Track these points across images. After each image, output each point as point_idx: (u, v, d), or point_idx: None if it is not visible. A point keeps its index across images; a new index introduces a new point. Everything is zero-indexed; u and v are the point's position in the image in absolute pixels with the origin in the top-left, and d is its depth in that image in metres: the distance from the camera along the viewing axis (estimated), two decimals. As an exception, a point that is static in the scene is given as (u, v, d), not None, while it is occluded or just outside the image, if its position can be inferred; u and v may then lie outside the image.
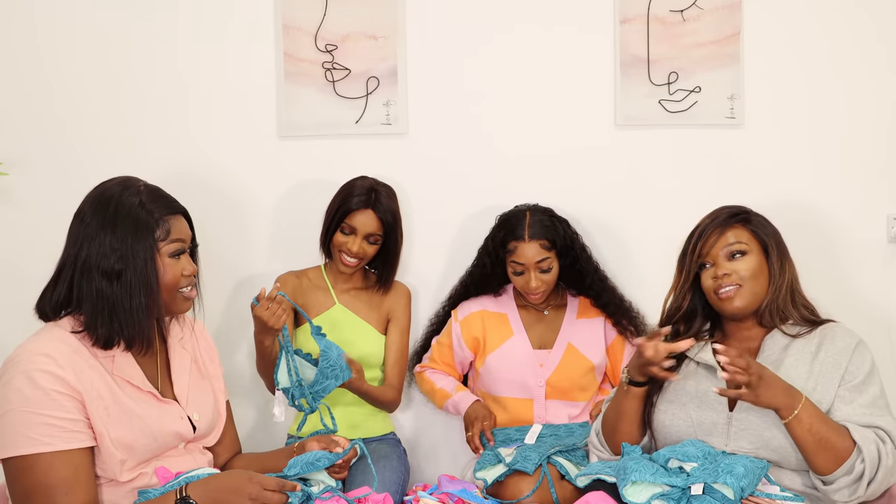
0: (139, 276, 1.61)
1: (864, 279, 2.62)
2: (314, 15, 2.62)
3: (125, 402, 1.62)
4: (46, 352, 1.55)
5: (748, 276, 1.88)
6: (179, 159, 2.62)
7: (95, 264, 1.60)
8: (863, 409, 1.79)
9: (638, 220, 2.65)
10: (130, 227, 1.62)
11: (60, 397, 1.53)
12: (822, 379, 1.83)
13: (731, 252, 1.90)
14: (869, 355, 1.86)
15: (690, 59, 2.61)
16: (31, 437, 1.51)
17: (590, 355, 2.43)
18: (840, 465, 1.72)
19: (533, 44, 2.64)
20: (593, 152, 2.65)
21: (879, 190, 2.62)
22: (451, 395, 2.44)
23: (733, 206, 2.00)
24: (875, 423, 1.77)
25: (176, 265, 1.67)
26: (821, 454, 1.73)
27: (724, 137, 2.63)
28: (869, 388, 1.82)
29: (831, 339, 1.88)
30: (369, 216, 2.38)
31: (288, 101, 2.63)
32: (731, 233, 1.92)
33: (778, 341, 1.91)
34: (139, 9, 2.62)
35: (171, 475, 1.64)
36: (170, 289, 1.67)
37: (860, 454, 1.71)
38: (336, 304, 2.47)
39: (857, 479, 1.72)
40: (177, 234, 1.68)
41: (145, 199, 1.66)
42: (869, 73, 2.60)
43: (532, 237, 2.35)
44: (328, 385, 2.06)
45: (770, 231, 1.96)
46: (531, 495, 2.11)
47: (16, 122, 2.62)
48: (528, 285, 2.37)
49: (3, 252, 2.61)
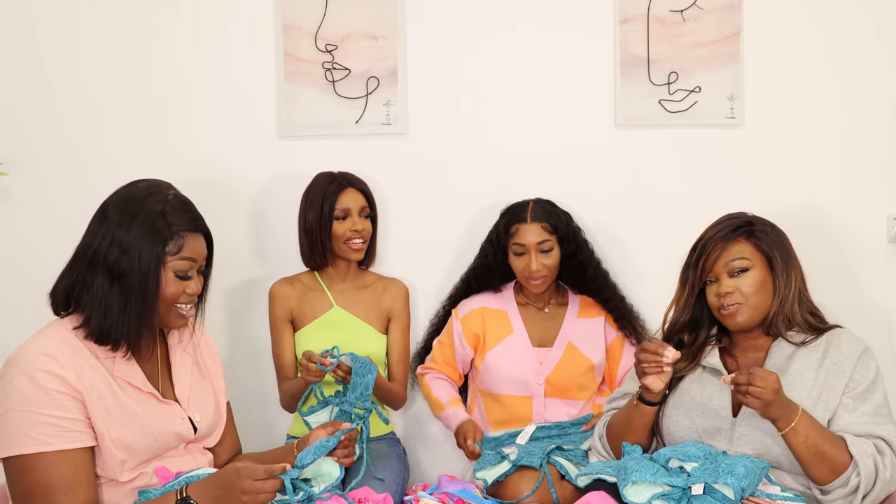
0: (139, 282, 1.60)
1: (865, 279, 2.62)
2: (314, 15, 2.62)
3: (126, 402, 1.62)
4: (47, 351, 1.55)
5: (751, 292, 1.87)
6: (179, 159, 2.62)
7: (103, 258, 1.60)
8: (865, 417, 1.79)
9: (638, 219, 2.65)
10: (144, 232, 1.61)
11: (61, 397, 1.53)
12: (826, 387, 1.83)
13: (733, 269, 1.88)
14: (874, 363, 1.85)
15: (690, 59, 2.61)
16: (32, 437, 1.51)
17: (590, 354, 2.43)
18: (836, 477, 1.72)
19: (533, 44, 2.64)
20: (593, 152, 2.65)
21: (879, 190, 2.62)
22: (444, 408, 2.44)
23: (736, 217, 1.96)
24: (876, 433, 1.77)
25: (179, 284, 1.65)
26: (817, 466, 1.73)
27: (724, 137, 2.63)
28: (873, 395, 1.82)
29: (837, 346, 1.87)
30: (353, 192, 2.43)
31: (288, 101, 2.63)
32: (734, 248, 1.89)
33: (784, 349, 1.90)
34: (139, 9, 2.62)
35: (172, 475, 1.64)
36: (168, 303, 1.66)
37: (856, 468, 1.71)
38: (334, 306, 2.47)
39: (852, 492, 1.72)
40: (189, 253, 1.65)
41: (169, 209, 1.65)
42: (869, 72, 2.60)
43: (534, 219, 2.39)
44: (368, 381, 2.14)
45: (774, 241, 1.92)
46: (531, 495, 2.11)
47: (16, 122, 2.62)
48: (528, 268, 2.38)
49: (3, 252, 2.61)
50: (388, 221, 2.66)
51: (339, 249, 2.43)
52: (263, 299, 2.53)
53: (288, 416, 2.53)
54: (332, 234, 2.41)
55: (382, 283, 2.54)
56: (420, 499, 2.01)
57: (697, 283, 1.92)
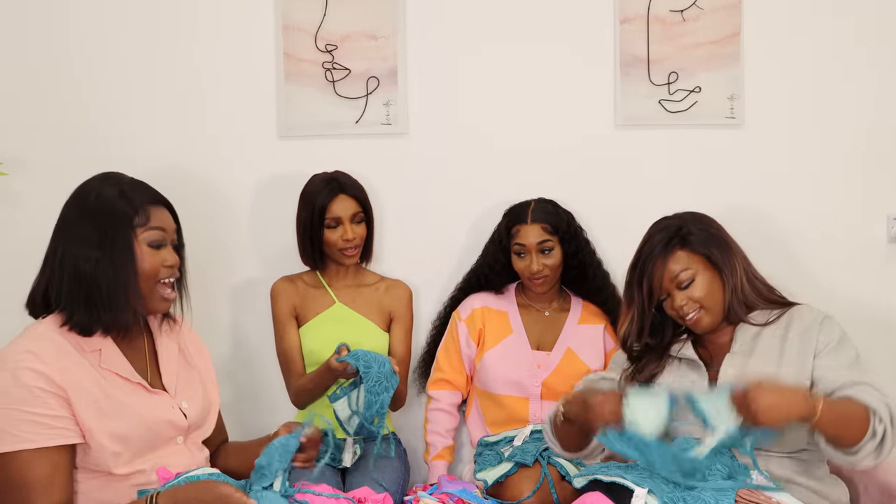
0: (117, 262, 1.60)
1: (865, 279, 2.62)
2: (314, 15, 2.62)
3: (115, 394, 1.62)
4: (30, 349, 1.56)
5: (703, 296, 1.89)
6: (179, 159, 2.62)
7: (73, 253, 1.60)
8: (843, 370, 1.79)
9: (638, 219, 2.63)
10: (108, 215, 1.62)
11: (44, 395, 1.53)
12: (795, 358, 1.84)
13: (680, 283, 1.90)
14: (837, 327, 1.87)
15: (690, 59, 2.61)
16: (14, 434, 1.51)
17: (589, 361, 2.42)
18: (865, 433, 1.70)
19: (533, 44, 2.64)
20: (593, 152, 2.65)
21: (879, 190, 2.62)
22: (429, 458, 2.44)
23: (663, 228, 1.95)
24: (859, 380, 1.76)
25: (156, 255, 1.65)
26: (846, 435, 1.71)
27: (724, 137, 2.63)
28: (845, 351, 1.83)
29: (798, 318, 1.89)
30: (345, 200, 2.41)
31: (288, 101, 2.63)
32: (672, 263, 1.90)
33: (748, 331, 1.92)
34: (138, 9, 2.62)
35: (171, 475, 1.64)
36: (148, 278, 1.65)
37: (876, 415, 1.71)
38: (336, 302, 2.47)
39: (879, 444, 1.71)
40: (157, 223, 1.66)
41: (126, 188, 1.66)
42: (869, 72, 2.61)
43: (535, 220, 2.39)
44: (383, 399, 2.13)
45: (705, 238, 1.92)
46: (532, 496, 2.12)
47: (16, 122, 2.62)
48: (529, 268, 2.38)
49: (3, 252, 2.61)
50: (388, 222, 2.66)
51: (333, 255, 2.44)
52: (263, 298, 2.53)
53: (289, 414, 2.53)
54: (325, 240, 2.41)
55: (385, 284, 2.54)
56: (420, 499, 2.01)
57: (649, 302, 1.93)
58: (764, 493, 1.66)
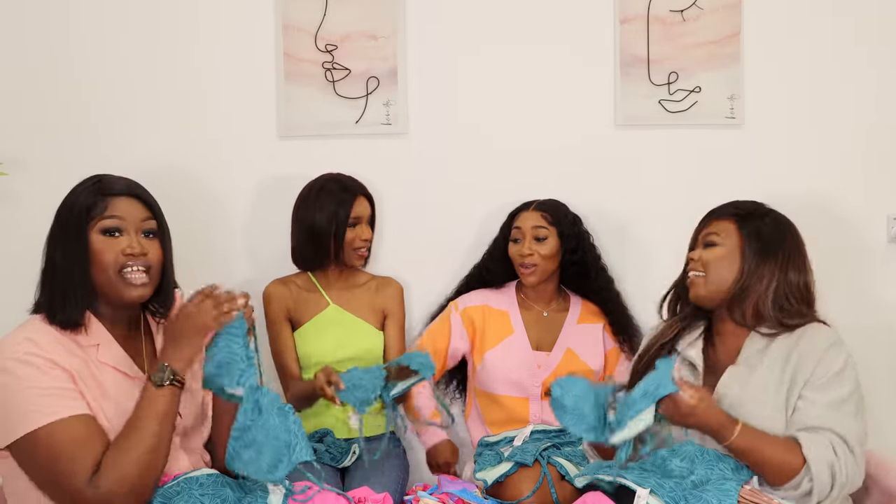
0: (70, 253, 1.62)
1: (865, 279, 2.62)
2: (314, 15, 2.62)
3: (112, 389, 1.62)
4: (29, 337, 1.57)
5: (715, 267, 1.89)
6: (179, 159, 2.62)
7: (46, 251, 1.66)
8: (823, 409, 1.74)
9: (638, 219, 2.65)
10: (68, 210, 1.66)
11: (52, 370, 1.54)
12: (787, 380, 1.80)
13: (705, 241, 1.94)
14: (841, 357, 1.79)
15: (690, 59, 2.61)
16: (37, 411, 1.51)
17: (589, 361, 2.43)
18: (787, 481, 1.70)
19: (533, 44, 2.64)
20: (593, 152, 2.65)
21: (880, 190, 2.62)
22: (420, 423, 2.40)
23: (746, 202, 1.99)
24: (833, 428, 1.71)
25: (112, 243, 1.64)
26: (764, 471, 1.72)
27: (724, 137, 2.63)
28: (836, 388, 1.76)
29: (808, 338, 1.83)
30: (363, 201, 2.44)
31: (288, 101, 2.63)
32: (718, 224, 1.93)
33: (757, 343, 1.88)
34: (138, 9, 2.62)
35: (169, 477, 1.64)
36: (106, 267, 1.64)
37: (808, 472, 1.68)
38: (330, 304, 2.47)
39: (805, 495, 1.69)
40: (114, 212, 1.65)
41: (99, 185, 1.68)
42: (869, 72, 2.61)
43: (537, 208, 2.43)
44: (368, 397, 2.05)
45: (761, 232, 1.90)
46: (531, 495, 2.12)
47: (16, 122, 2.62)
48: (520, 252, 2.39)
49: (3, 252, 2.61)
50: (388, 222, 2.66)
51: (347, 255, 2.43)
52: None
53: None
54: (346, 242, 2.40)
55: (376, 282, 2.54)
56: (420, 499, 2.01)
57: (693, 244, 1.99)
58: (765, 494, 1.66)
